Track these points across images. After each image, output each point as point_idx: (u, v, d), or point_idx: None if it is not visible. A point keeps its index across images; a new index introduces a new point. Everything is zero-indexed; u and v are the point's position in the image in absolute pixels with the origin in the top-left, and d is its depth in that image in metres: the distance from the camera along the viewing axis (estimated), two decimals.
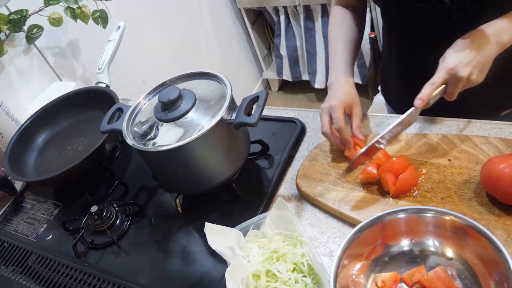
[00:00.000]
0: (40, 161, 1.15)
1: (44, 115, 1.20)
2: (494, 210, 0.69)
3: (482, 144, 0.78)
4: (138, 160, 1.01)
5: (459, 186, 0.74)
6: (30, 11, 1.32)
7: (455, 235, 0.64)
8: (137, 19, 1.88)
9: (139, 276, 0.84)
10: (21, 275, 0.93)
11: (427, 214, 0.66)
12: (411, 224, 0.67)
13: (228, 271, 0.68)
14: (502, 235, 0.65)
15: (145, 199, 0.97)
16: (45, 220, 1.04)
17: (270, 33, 2.70)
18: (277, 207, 0.74)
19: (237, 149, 0.86)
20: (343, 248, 0.64)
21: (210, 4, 2.32)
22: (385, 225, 0.67)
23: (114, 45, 1.22)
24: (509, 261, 0.56)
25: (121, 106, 0.91)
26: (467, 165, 0.76)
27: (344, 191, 0.80)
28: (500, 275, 0.58)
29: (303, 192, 0.84)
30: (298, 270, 0.68)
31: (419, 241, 0.67)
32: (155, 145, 0.80)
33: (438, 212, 0.65)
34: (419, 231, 0.67)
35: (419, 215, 0.66)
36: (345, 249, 0.64)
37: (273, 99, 2.77)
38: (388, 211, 0.67)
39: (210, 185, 0.87)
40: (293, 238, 0.72)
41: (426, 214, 0.66)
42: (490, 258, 0.59)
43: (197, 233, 0.86)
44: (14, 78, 1.37)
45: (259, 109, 0.76)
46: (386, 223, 0.67)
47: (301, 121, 0.99)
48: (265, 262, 0.70)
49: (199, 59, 2.32)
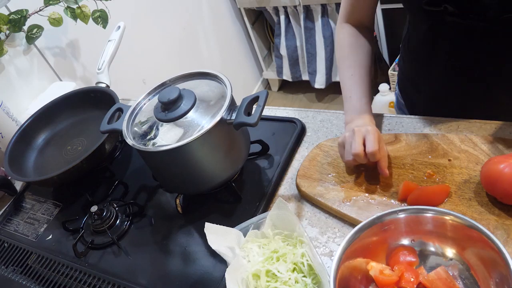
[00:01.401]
0: (40, 161, 1.15)
1: (44, 115, 1.20)
2: (494, 210, 0.69)
3: (482, 144, 0.78)
4: (138, 160, 1.01)
5: (459, 186, 0.74)
6: (30, 11, 1.32)
7: (455, 235, 0.64)
8: (137, 19, 1.88)
9: (139, 276, 0.84)
10: (21, 275, 0.93)
11: (427, 214, 0.65)
12: (411, 224, 0.67)
13: (228, 271, 0.68)
14: (502, 235, 0.65)
15: (145, 199, 0.97)
16: (45, 220, 1.04)
17: (270, 33, 2.70)
18: (277, 207, 0.74)
19: (237, 149, 0.86)
20: (343, 248, 0.64)
21: (210, 4, 2.32)
22: (385, 225, 0.66)
23: (114, 45, 1.22)
24: (509, 261, 0.56)
25: (121, 106, 0.91)
26: (467, 165, 0.76)
27: (344, 191, 0.80)
28: (500, 276, 0.58)
29: (303, 192, 0.84)
30: (298, 270, 0.68)
31: (419, 241, 0.67)
32: (155, 145, 0.80)
33: (438, 212, 0.64)
34: (419, 231, 0.67)
35: (419, 215, 0.66)
36: (345, 249, 0.64)
37: (273, 99, 2.77)
38: (388, 211, 0.66)
39: (210, 185, 0.87)
40: (293, 238, 0.72)
41: (426, 214, 0.65)
42: (490, 258, 0.59)
43: (197, 233, 0.86)
44: (14, 78, 1.37)
45: (259, 109, 0.76)
46: (386, 223, 0.66)
47: (301, 121, 0.99)
48: (265, 262, 0.70)
49: (199, 59, 2.32)
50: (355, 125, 0.82)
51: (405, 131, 0.88)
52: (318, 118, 1.00)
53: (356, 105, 0.87)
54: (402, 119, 0.91)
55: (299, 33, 2.40)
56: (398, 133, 0.86)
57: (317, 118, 1.00)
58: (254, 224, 0.78)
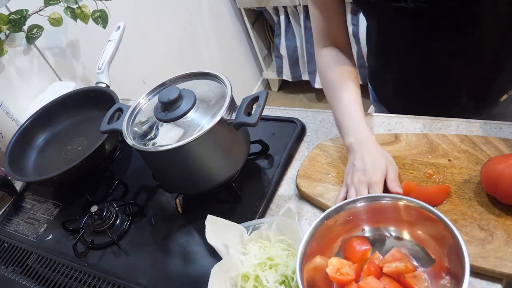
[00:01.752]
0: (40, 161, 1.15)
1: (44, 115, 1.20)
2: (494, 210, 0.69)
3: (482, 144, 0.78)
4: (138, 160, 1.01)
5: (459, 186, 0.74)
6: (30, 11, 1.32)
7: (409, 218, 0.67)
8: (137, 19, 1.88)
9: (139, 276, 0.84)
10: (21, 275, 0.93)
11: (383, 200, 0.69)
12: (368, 213, 0.70)
13: (216, 268, 0.68)
14: (502, 235, 0.65)
15: (145, 199, 0.97)
16: (45, 220, 1.04)
17: (270, 33, 2.70)
18: (285, 215, 0.74)
19: (237, 149, 0.86)
20: (305, 241, 0.66)
21: (210, 4, 2.32)
22: (336, 219, 0.69)
23: (114, 45, 1.22)
24: (455, 232, 0.60)
25: (121, 106, 0.91)
26: (467, 165, 0.76)
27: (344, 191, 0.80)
28: (449, 247, 0.61)
29: (303, 192, 0.84)
30: (287, 284, 0.68)
31: (372, 229, 0.70)
32: (155, 145, 0.80)
33: (393, 198, 0.68)
34: (377, 219, 0.70)
35: (376, 202, 0.69)
36: (307, 243, 0.66)
37: (273, 99, 2.77)
38: (348, 201, 0.70)
39: (210, 185, 0.87)
40: (295, 249, 0.72)
41: (382, 201, 0.69)
42: (439, 234, 0.63)
43: (197, 233, 0.86)
44: (14, 78, 1.37)
45: (259, 109, 0.76)
46: (348, 213, 0.69)
47: (301, 121, 0.99)
48: (257, 267, 0.70)
49: (199, 59, 2.32)
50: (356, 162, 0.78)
51: (405, 131, 0.88)
52: (318, 118, 1.00)
53: (348, 124, 0.82)
54: (402, 119, 0.91)
55: (299, 33, 2.40)
56: (398, 133, 0.86)
57: (317, 118, 1.00)
58: (252, 227, 0.78)
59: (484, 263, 0.63)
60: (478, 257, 0.64)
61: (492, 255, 0.64)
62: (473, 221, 0.68)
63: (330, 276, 0.64)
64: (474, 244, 0.66)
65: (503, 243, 0.64)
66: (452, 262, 0.61)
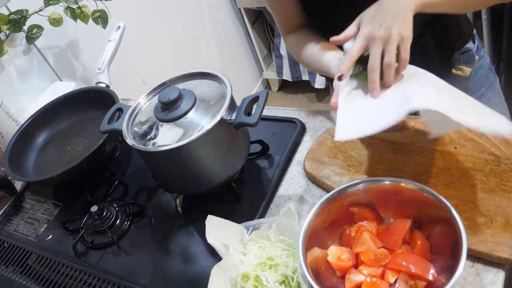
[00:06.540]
0: (40, 161, 1.15)
1: (44, 115, 1.20)
2: (495, 197, 0.70)
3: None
4: (138, 160, 1.01)
5: (463, 173, 0.75)
6: (30, 11, 1.32)
7: (408, 200, 0.68)
8: (137, 19, 1.88)
9: (139, 276, 0.84)
10: (21, 275, 0.93)
11: (385, 182, 0.69)
12: (369, 194, 0.70)
13: (217, 267, 0.68)
14: (501, 221, 0.66)
15: (145, 199, 0.97)
16: (45, 220, 1.04)
17: (270, 33, 2.70)
18: (285, 215, 0.74)
19: (237, 149, 0.86)
20: (307, 225, 0.66)
21: (210, 4, 2.32)
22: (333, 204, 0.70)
23: (114, 45, 1.23)
24: (451, 210, 0.61)
25: (121, 106, 0.91)
26: (472, 153, 0.77)
27: (350, 175, 0.81)
28: (448, 229, 0.62)
29: (310, 174, 0.85)
30: (287, 284, 0.68)
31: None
32: (155, 145, 0.80)
33: (394, 180, 0.69)
34: (377, 201, 0.71)
35: (378, 184, 0.70)
36: (308, 229, 0.66)
37: (273, 99, 2.77)
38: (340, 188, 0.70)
39: (210, 185, 0.87)
40: (295, 249, 0.72)
41: (384, 183, 0.69)
42: (438, 215, 0.64)
43: (197, 233, 0.86)
44: (14, 78, 1.37)
45: (259, 109, 0.76)
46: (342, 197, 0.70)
47: (301, 121, 0.99)
48: (257, 267, 0.70)
49: (199, 59, 2.32)
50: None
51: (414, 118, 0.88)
52: (318, 118, 1.00)
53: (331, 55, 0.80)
54: None
55: None
56: (405, 119, 0.86)
57: (317, 118, 1.00)
58: (252, 227, 0.78)
59: (482, 247, 0.64)
60: (476, 242, 0.65)
61: (490, 239, 0.65)
62: (474, 207, 0.69)
63: (332, 263, 0.65)
64: (473, 229, 0.67)
65: (502, 229, 0.65)
66: (449, 247, 0.61)
